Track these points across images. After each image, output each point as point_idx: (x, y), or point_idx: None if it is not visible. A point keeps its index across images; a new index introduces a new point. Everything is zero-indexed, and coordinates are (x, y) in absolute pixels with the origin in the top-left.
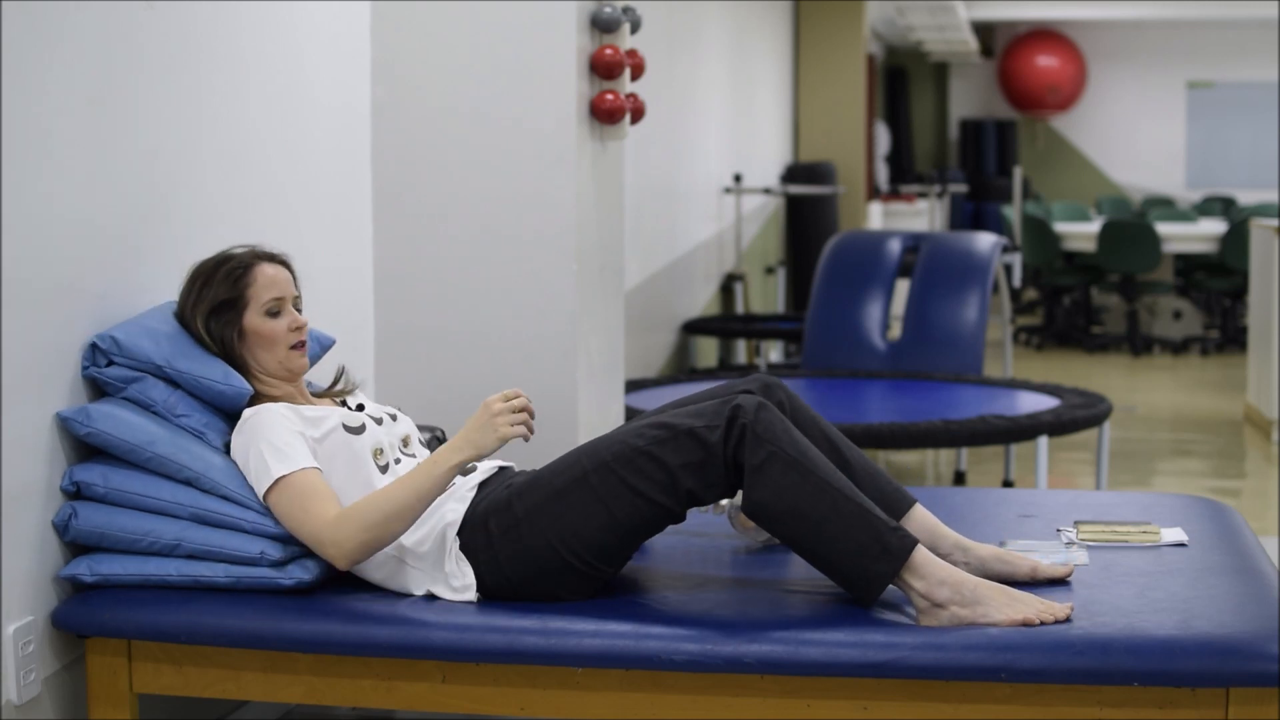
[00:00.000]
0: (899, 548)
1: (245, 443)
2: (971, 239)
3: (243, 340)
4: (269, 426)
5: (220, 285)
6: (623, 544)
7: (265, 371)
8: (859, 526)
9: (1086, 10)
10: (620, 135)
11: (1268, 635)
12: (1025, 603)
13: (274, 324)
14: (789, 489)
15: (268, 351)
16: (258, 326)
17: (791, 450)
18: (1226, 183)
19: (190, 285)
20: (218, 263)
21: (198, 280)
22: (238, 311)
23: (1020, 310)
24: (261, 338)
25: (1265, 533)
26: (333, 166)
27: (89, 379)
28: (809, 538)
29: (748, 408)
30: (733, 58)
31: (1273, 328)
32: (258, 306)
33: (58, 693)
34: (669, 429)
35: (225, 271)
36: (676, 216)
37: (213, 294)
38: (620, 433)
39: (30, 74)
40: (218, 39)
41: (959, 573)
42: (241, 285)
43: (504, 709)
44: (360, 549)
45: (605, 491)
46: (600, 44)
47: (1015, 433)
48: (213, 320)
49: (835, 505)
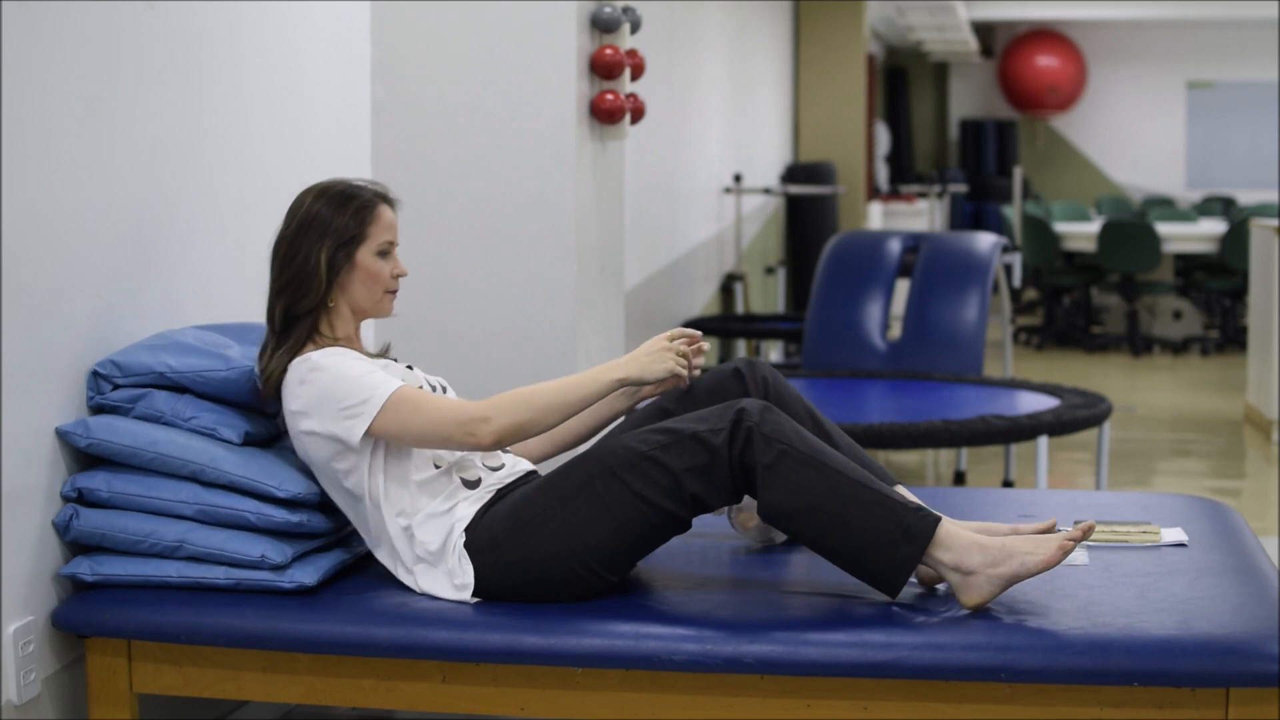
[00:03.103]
0: (921, 528)
1: (321, 388)
2: (971, 239)
3: (349, 274)
4: (343, 364)
5: (351, 219)
6: (628, 552)
7: (355, 308)
8: (879, 514)
9: (1086, 10)
10: (620, 135)
11: (1268, 635)
12: (1049, 540)
13: (382, 265)
14: (804, 486)
15: (367, 290)
16: (369, 264)
17: (802, 447)
18: (1226, 183)
19: (312, 211)
20: (346, 195)
21: (323, 207)
22: (355, 246)
23: (1020, 310)
24: (369, 275)
25: (1265, 533)
26: (333, 166)
27: (95, 408)
28: (829, 532)
29: (752, 410)
30: (733, 58)
31: (1273, 328)
32: (373, 245)
33: (58, 693)
34: (673, 434)
35: (355, 207)
36: (676, 216)
37: (342, 225)
38: (625, 438)
39: (30, 74)
40: (217, 39)
41: (982, 536)
42: (366, 221)
43: (504, 709)
44: (513, 428)
45: (610, 498)
46: (600, 44)
47: (1015, 433)
48: (337, 250)
49: (853, 495)
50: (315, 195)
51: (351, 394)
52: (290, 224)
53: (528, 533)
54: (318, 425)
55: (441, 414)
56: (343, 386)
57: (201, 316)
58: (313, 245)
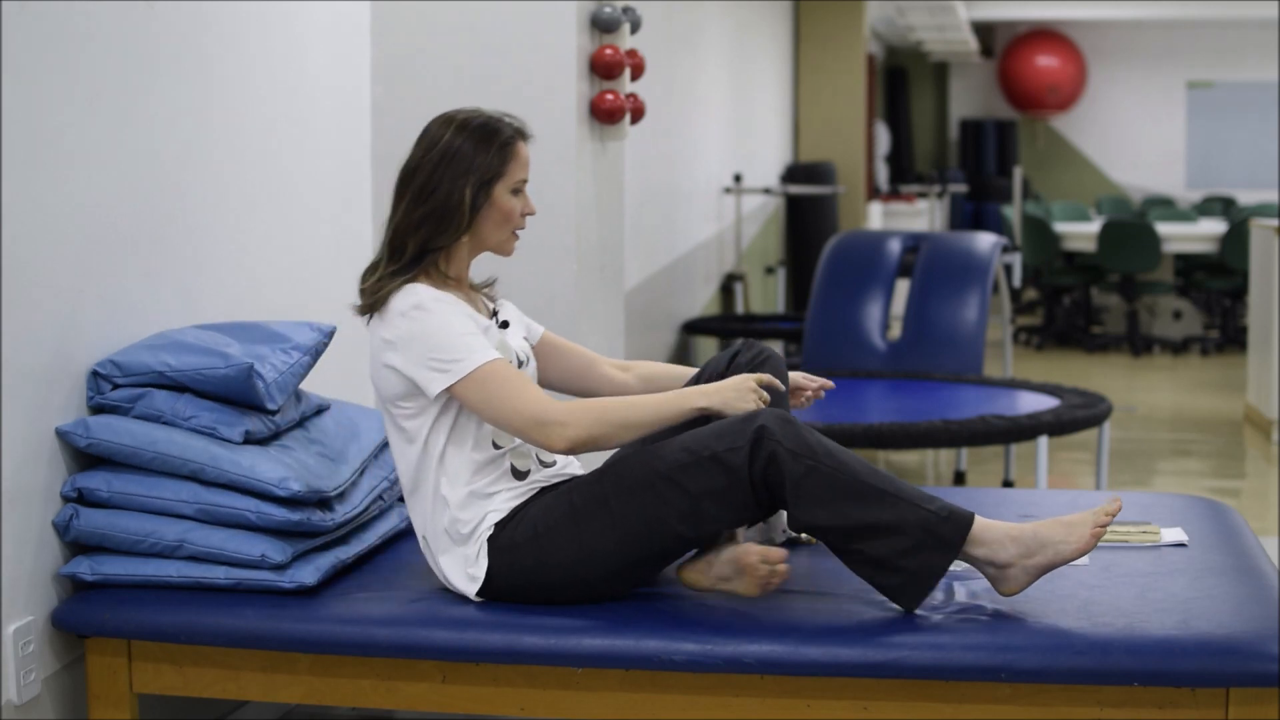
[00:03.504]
0: (953, 535)
1: (420, 329)
2: (971, 239)
3: (485, 211)
4: (450, 316)
5: (494, 155)
6: (636, 570)
7: (480, 245)
8: (911, 522)
9: (1086, 10)
10: (620, 135)
11: (1268, 635)
12: (1082, 523)
13: (514, 203)
14: (835, 500)
15: (497, 228)
16: (503, 202)
17: (828, 461)
18: (1226, 183)
19: (454, 144)
20: (487, 129)
21: (464, 141)
22: (494, 183)
23: (1020, 310)
24: (501, 213)
25: (1265, 533)
26: (333, 166)
27: (95, 408)
28: (862, 543)
29: (772, 427)
30: (733, 58)
31: (1273, 328)
32: (509, 182)
33: (58, 693)
34: (690, 453)
35: (500, 143)
36: (676, 216)
37: (486, 161)
38: (644, 453)
39: (31, 74)
40: (218, 39)
41: (1013, 526)
42: (507, 158)
43: (504, 709)
44: (586, 440)
45: (623, 518)
46: (600, 44)
47: (1015, 433)
48: (480, 187)
49: (883, 506)
50: (456, 127)
51: (446, 349)
52: (428, 153)
53: (542, 542)
54: (401, 363)
55: (523, 404)
56: (442, 338)
57: (203, 316)
58: (455, 180)
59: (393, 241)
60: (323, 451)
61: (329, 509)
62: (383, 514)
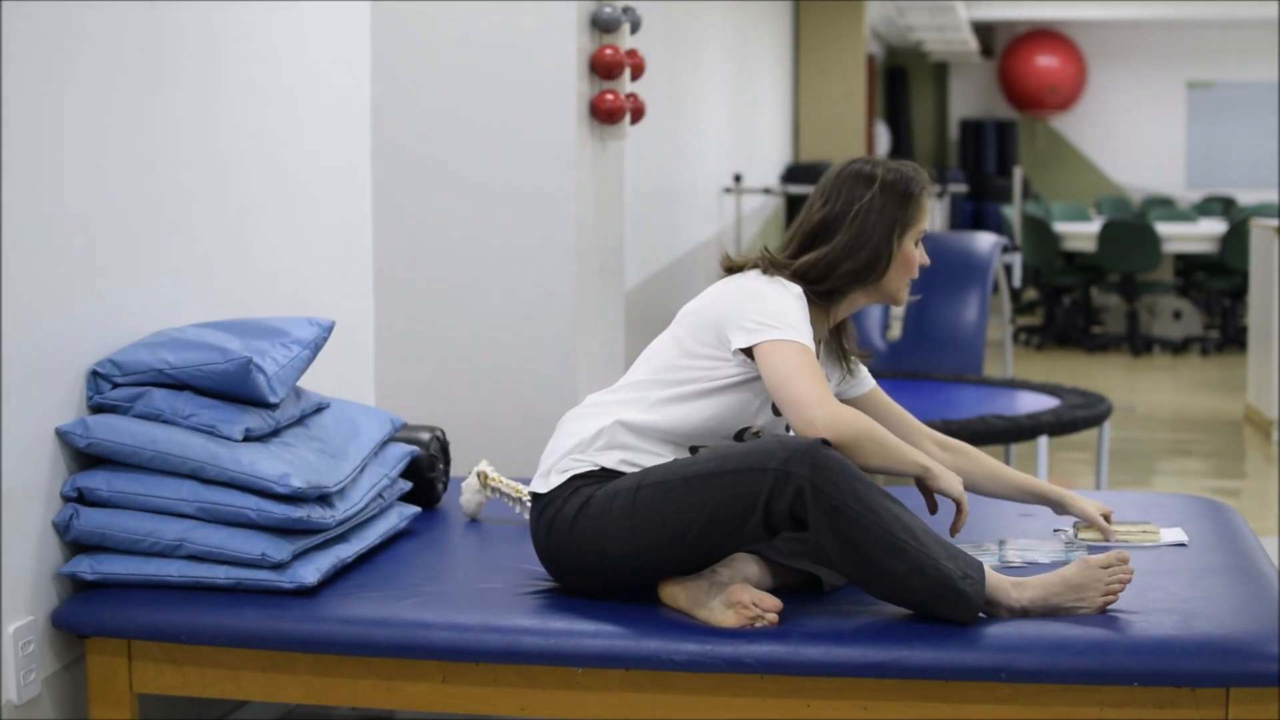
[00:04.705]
0: (973, 596)
1: (751, 294)
2: (971, 239)
3: (892, 259)
4: (785, 298)
5: (916, 207)
6: (648, 576)
7: (878, 292)
8: (931, 578)
9: (1086, 10)
10: (620, 135)
11: (1268, 635)
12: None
13: (916, 253)
14: (859, 545)
15: (900, 277)
16: (909, 253)
17: (855, 504)
18: (1226, 183)
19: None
20: (913, 184)
21: (896, 192)
22: (906, 232)
23: (1020, 310)
24: (907, 263)
25: (1265, 533)
26: (333, 166)
27: (95, 407)
28: (879, 587)
29: (799, 464)
30: (733, 58)
31: (1273, 328)
32: (915, 232)
33: (58, 693)
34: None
35: (918, 196)
36: (676, 216)
37: (911, 214)
38: (679, 465)
39: (31, 74)
40: (217, 39)
41: (1026, 587)
42: (920, 210)
43: (504, 709)
44: (839, 444)
45: (640, 522)
46: (600, 44)
47: (1015, 433)
48: (905, 237)
49: (905, 558)
50: (883, 176)
51: (766, 314)
52: (867, 190)
53: (582, 522)
54: (718, 313)
55: (809, 393)
56: (766, 306)
57: (203, 315)
58: (887, 229)
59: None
60: (323, 448)
61: (329, 505)
62: (383, 512)
